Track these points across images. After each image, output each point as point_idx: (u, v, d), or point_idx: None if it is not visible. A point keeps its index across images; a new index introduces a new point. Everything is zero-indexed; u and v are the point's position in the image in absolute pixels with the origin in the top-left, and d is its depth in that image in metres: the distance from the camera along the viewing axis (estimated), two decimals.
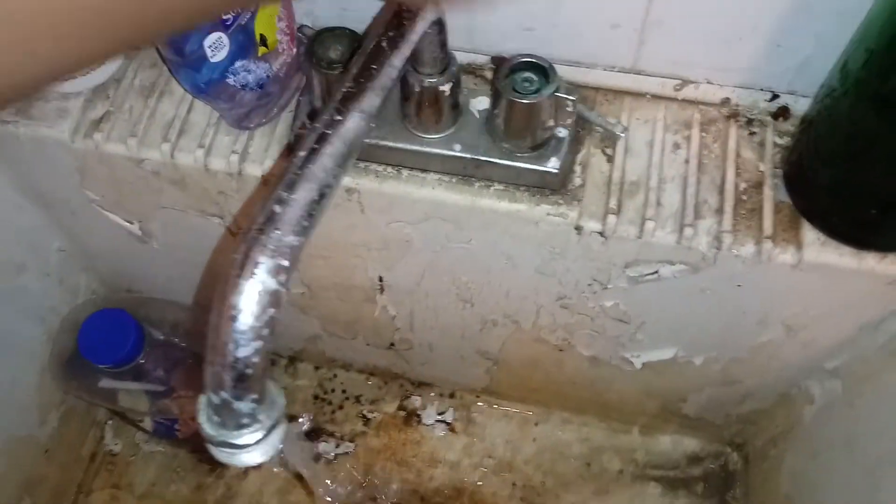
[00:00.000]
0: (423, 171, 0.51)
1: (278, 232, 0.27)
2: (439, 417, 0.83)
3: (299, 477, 0.79)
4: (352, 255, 0.61)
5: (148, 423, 0.75)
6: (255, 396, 0.29)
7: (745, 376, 0.64)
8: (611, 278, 0.55)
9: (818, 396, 0.61)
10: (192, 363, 0.70)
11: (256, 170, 0.53)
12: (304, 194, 0.27)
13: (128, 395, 0.70)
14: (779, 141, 0.52)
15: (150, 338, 0.64)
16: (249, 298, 0.27)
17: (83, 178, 0.59)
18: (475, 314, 0.65)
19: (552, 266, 0.55)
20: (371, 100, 0.32)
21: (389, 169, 0.52)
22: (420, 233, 0.56)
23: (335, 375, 0.86)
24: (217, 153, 0.53)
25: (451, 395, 0.84)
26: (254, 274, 0.27)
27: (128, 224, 0.64)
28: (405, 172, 0.51)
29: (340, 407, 0.84)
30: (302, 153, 0.29)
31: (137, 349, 0.60)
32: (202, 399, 0.30)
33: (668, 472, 0.78)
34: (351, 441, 0.82)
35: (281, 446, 0.31)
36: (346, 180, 0.52)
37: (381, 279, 0.64)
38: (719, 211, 0.49)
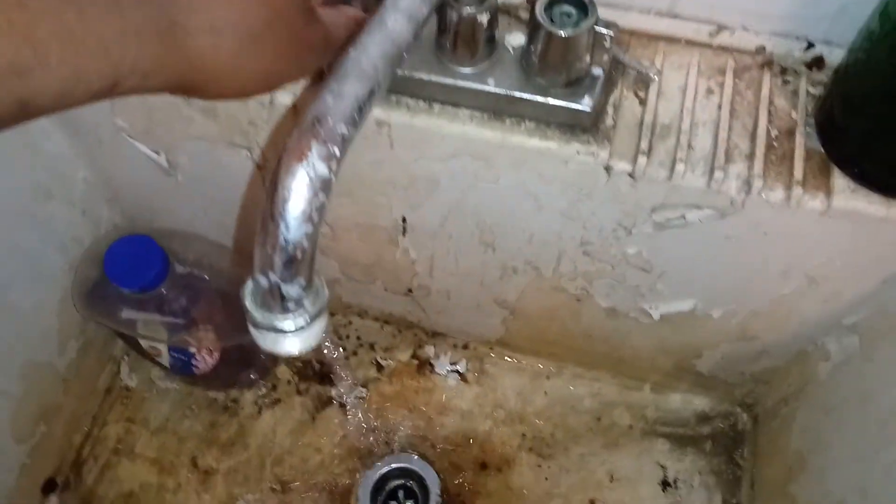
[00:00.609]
0: (455, 105, 0.51)
1: (330, 121, 0.27)
2: (452, 367, 0.84)
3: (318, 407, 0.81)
4: (377, 194, 0.61)
5: (165, 358, 0.76)
6: (302, 281, 0.29)
7: (762, 332, 0.64)
8: (636, 223, 0.55)
9: (834, 353, 0.61)
10: (212, 298, 0.71)
11: (288, 99, 0.53)
12: (354, 88, 0.28)
13: (148, 327, 0.71)
14: (812, 90, 0.52)
15: (173, 269, 0.65)
16: (301, 182, 0.27)
17: (114, 104, 0.59)
18: (496, 260, 0.66)
19: (578, 209, 0.55)
20: (420, 7, 0.32)
21: (421, 103, 0.52)
22: (448, 171, 0.56)
23: (350, 322, 0.87)
24: None
25: (465, 346, 0.85)
26: (306, 159, 0.27)
27: (154, 155, 0.64)
28: (437, 107, 0.52)
29: (354, 353, 0.85)
30: (353, 50, 0.29)
31: (162, 276, 0.61)
32: (249, 283, 0.30)
33: (677, 430, 0.79)
34: (364, 386, 0.83)
35: (324, 336, 0.32)
36: (377, 113, 0.52)
37: (404, 220, 0.64)
38: (750, 156, 0.49)
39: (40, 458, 0.76)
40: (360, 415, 0.82)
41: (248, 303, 0.31)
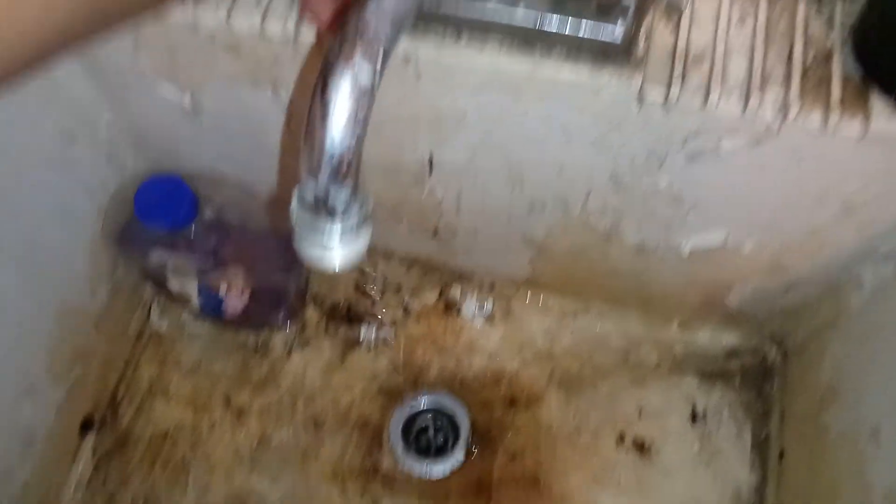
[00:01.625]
0: (484, 35, 0.50)
1: (373, 28, 0.27)
2: (479, 308, 0.84)
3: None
4: (403, 131, 0.61)
5: (195, 301, 0.77)
6: (350, 186, 0.29)
7: (794, 264, 0.63)
8: (668, 154, 0.54)
9: (868, 283, 0.61)
10: (241, 240, 0.71)
11: (312, 36, 0.53)
12: (392, 5, 0.27)
13: (178, 269, 0.72)
14: (846, 20, 0.50)
15: (202, 210, 0.65)
16: (347, 84, 0.27)
17: (137, 44, 0.58)
18: (524, 196, 0.65)
19: (609, 140, 0.54)
20: None
21: (449, 34, 0.51)
22: (475, 105, 0.55)
23: (376, 265, 0.87)
24: (274, 17, 0.53)
25: (492, 287, 0.85)
26: (352, 61, 0.27)
27: (178, 96, 0.64)
28: (465, 38, 0.51)
29: (382, 295, 0.86)
30: None
31: (190, 215, 0.61)
32: (294, 192, 0.30)
33: (706, 365, 0.79)
34: (392, 327, 0.84)
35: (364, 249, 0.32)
36: (404, 46, 0.52)
37: (431, 158, 0.63)
38: (786, 82, 0.48)
39: (77, 399, 0.78)
40: (387, 355, 0.83)
41: (296, 210, 0.31)
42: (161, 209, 0.59)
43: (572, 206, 0.64)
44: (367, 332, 0.84)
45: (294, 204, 0.31)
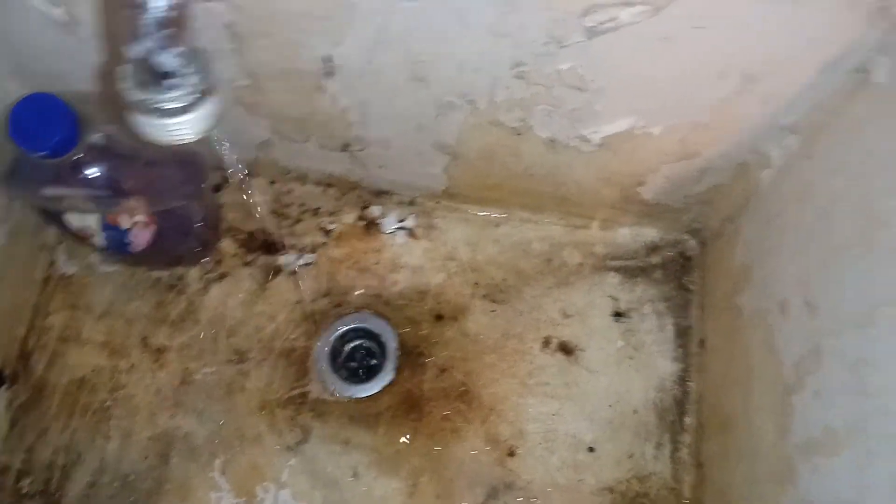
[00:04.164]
0: None
1: None
2: (399, 225, 0.83)
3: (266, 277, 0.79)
4: (295, 30, 0.57)
5: (99, 238, 0.73)
6: (181, 49, 0.27)
7: (703, 146, 0.63)
8: (567, 32, 0.52)
9: (775, 158, 0.61)
10: (137, 165, 0.67)
11: None
12: None
13: (73, 203, 0.67)
14: None
15: (88, 134, 0.61)
16: None
17: None
18: (430, 96, 0.63)
19: (506, 23, 0.52)
20: None
21: None
22: None
23: (291, 189, 0.84)
24: None
25: (411, 203, 0.83)
26: None
27: (53, 8, 0.59)
28: None
29: (299, 220, 0.83)
30: None
31: (72, 136, 0.57)
32: (126, 65, 0.28)
33: (627, 262, 0.79)
34: (312, 252, 0.81)
35: (214, 121, 0.29)
36: None
37: (329, 59, 0.60)
38: None
39: None
40: (309, 280, 0.81)
41: (126, 86, 0.28)
42: (37, 130, 0.55)
43: (479, 102, 0.63)
44: (286, 259, 0.81)
45: (124, 77, 0.28)
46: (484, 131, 0.67)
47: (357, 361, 0.78)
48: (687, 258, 0.79)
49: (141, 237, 0.73)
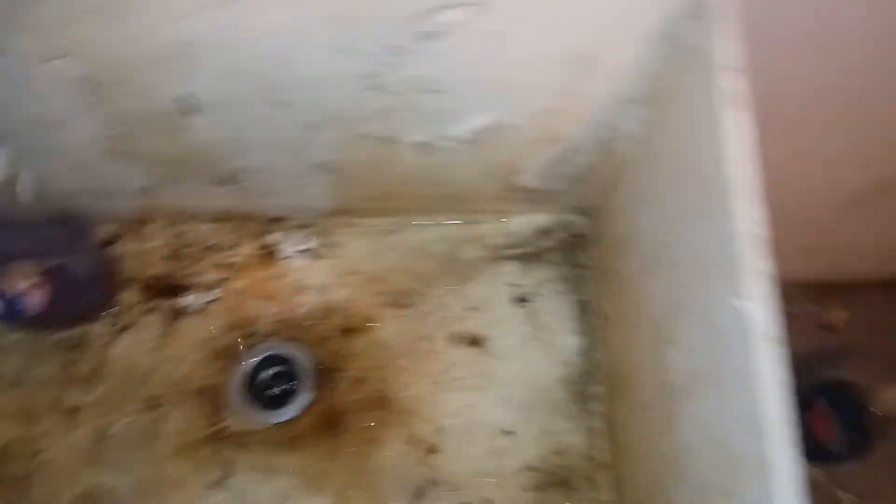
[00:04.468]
0: None
1: None
2: (299, 248, 0.83)
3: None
4: (148, 74, 0.58)
5: None
6: None
7: (564, 129, 0.66)
8: (406, 41, 0.54)
9: (634, 132, 0.64)
10: (18, 228, 0.67)
11: None
12: None
13: None
14: None
15: None
16: None
17: None
18: (294, 120, 0.64)
19: (346, 39, 0.54)
20: None
21: None
22: (198, 28, 0.53)
23: (186, 230, 0.84)
24: None
25: (307, 225, 0.84)
26: None
27: None
28: None
29: (199, 259, 0.83)
30: None
31: None
32: None
33: (523, 249, 0.82)
34: (216, 288, 0.82)
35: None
36: None
37: (185, 98, 0.61)
38: None
39: None
40: (217, 316, 0.81)
41: None
42: None
43: (342, 119, 0.64)
44: (190, 299, 0.81)
45: None
46: (355, 145, 0.68)
47: (274, 388, 0.79)
48: (579, 236, 0.82)
49: (35, 300, 0.72)
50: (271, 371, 0.79)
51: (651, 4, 0.51)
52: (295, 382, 0.77)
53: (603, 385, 0.75)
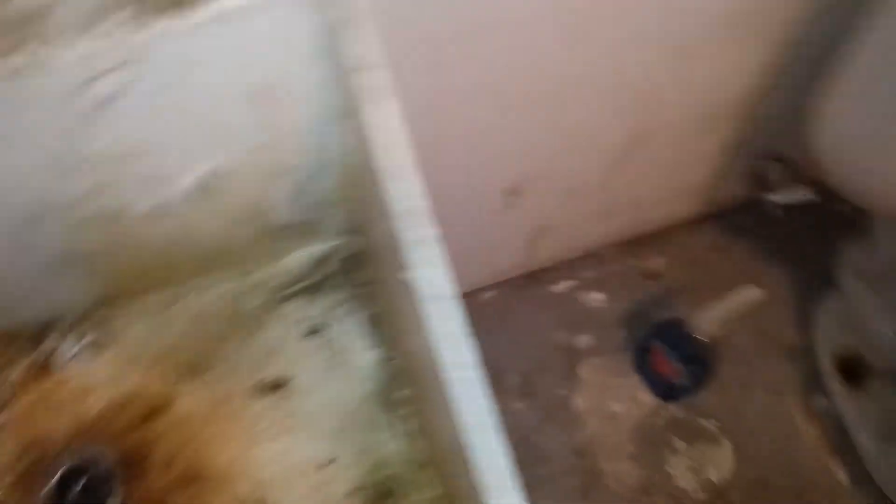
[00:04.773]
0: None
1: None
2: (76, 348, 0.79)
3: None
4: None
5: None
6: None
7: (286, 159, 0.67)
8: (72, 119, 0.53)
9: (355, 144, 0.65)
10: None
11: None
12: None
13: None
14: None
15: None
16: None
17: None
18: (8, 220, 0.61)
19: (21, 121, 0.52)
20: None
21: None
22: None
23: None
24: None
25: (79, 322, 0.80)
26: None
27: None
28: None
29: None
30: None
31: None
32: None
33: (304, 283, 0.82)
34: None
35: None
36: None
37: None
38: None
39: None
40: (6, 443, 0.76)
41: None
42: None
43: (59, 206, 0.62)
44: None
45: None
46: (87, 228, 0.66)
47: (86, 499, 0.75)
48: (358, 255, 0.83)
49: None
50: (79, 484, 0.75)
51: (297, 25, 0.52)
52: (104, 486, 0.74)
53: (407, 388, 0.76)
